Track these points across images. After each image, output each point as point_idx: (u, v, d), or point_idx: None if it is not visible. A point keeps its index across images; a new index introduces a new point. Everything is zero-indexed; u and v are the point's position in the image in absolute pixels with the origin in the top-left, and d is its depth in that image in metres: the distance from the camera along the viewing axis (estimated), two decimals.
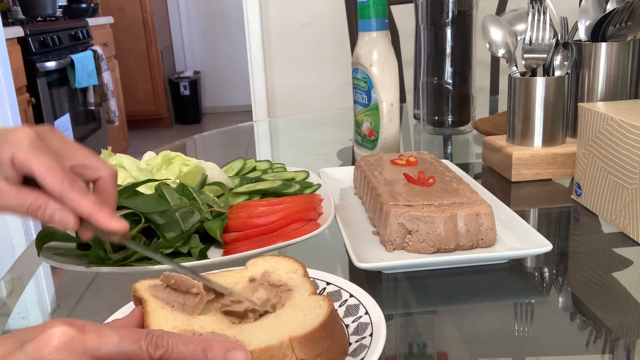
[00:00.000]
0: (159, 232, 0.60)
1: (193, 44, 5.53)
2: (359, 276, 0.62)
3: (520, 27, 0.94)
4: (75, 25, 3.34)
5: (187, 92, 5.14)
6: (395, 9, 1.61)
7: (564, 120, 0.87)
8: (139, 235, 0.59)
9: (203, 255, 0.61)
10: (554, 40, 0.86)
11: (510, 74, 0.89)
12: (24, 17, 3.21)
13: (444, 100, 1.13)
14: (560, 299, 0.57)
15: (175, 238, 0.59)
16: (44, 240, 0.60)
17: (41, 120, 2.78)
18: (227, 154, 1.27)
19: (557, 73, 0.86)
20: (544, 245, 0.58)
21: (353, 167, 0.85)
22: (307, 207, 0.67)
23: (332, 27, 2.29)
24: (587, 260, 0.65)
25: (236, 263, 0.55)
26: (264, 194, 0.75)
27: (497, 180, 0.89)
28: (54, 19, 3.37)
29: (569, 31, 0.90)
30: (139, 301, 0.44)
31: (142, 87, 4.77)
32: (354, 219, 0.71)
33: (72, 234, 0.64)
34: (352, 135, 1.02)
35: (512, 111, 0.89)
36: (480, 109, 1.34)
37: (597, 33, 0.86)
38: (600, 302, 0.55)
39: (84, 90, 3.30)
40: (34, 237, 0.60)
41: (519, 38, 0.93)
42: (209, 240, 0.64)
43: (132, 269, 0.57)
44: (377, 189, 0.68)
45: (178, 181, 0.70)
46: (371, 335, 0.43)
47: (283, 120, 1.68)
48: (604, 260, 0.64)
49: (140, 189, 0.65)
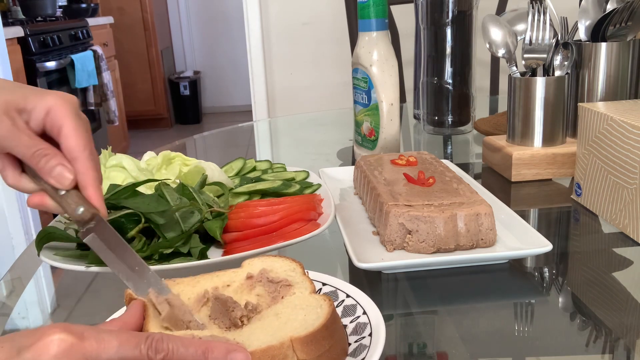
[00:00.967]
0: (159, 232, 0.60)
1: (193, 44, 5.53)
2: (359, 276, 0.62)
3: (520, 27, 0.94)
4: (75, 25, 3.34)
5: (187, 92, 5.14)
6: (395, 9, 1.61)
7: (564, 120, 0.87)
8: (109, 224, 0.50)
9: (203, 255, 0.61)
10: (554, 40, 0.86)
11: (510, 74, 0.89)
12: (24, 17, 3.21)
13: (444, 100, 1.13)
14: (560, 299, 0.57)
15: (175, 238, 0.59)
16: (44, 240, 0.59)
17: None
18: (227, 154, 1.27)
19: (557, 73, 0.86)
20: (544, 245, 0.58)
21: (353, 167, 0.85)
22: (307, 207, 0.67)
23: (332, 27, 2.29)
24: (587, 260, 0.65)
25: (236, 263, 0.55)
26: (264, 194, 0.75)
27: (497, 180, 0.89)
28: (54, 19, 3.37)
29: (569, 31, 0.90)
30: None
31: (142, 87, 4.77)
32: (354, 219, 0.71)
33: (72, 234, 0.64)
34: (352, 135, 1.02)
35: (512, 111, 0.89)
36: (480, 109, 1.34)
37: (597, 33, 0.86)
38: (600, 302, 0.55)
39: (84, 90, 3.30)
40: (34, 237, 0.60)
41: (519, 38, 0.93)
42: (209, 240, 0.64)
43: None
44: (377, 189, 0.68)
45: (178, 181, 0.70)
46: (370, 335, 0.42)
47: (283, 120, 1.68)
48: (604, 260, 0.64)
49: (140, 189, 0.65)
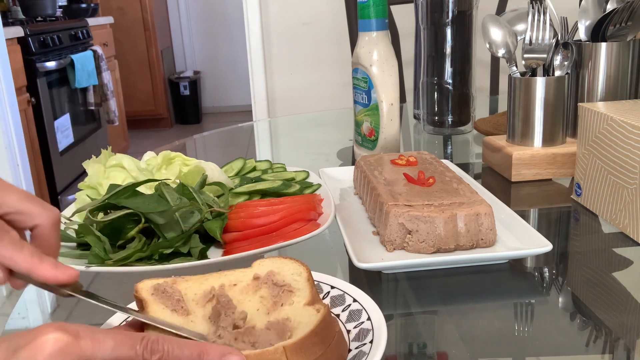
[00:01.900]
0: (159, 232, 0.60)
1: (193, 44, 5.53)
2: (359, 276, 0.62)
3: (520, 27, 0.94)
4: (75, 25, 3.34)
5: (187, 92, 5.14)
6: (395, 9, 1.61)
7: (564, 120, 0.87)
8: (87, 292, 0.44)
9: (203, 255, 0.61)
10: (554, 40, 0.86)
11: (510, 74, 0.89)
12: (24, 17, 3.21)
13: (444, 100, 1.13)
14: (560, 299, 0.57)
15: (175, 238, 0.59)
16: None
17: (41, 120, 2.78)
18: (227, 154, 1.27)
19: (557, 73, 0.86)
20: (544, 245, 0.58)
21: (353, 167, 0.85)
22: (307, 207, 0.67)
23: (332, 27, 2.29)
24: (587, 260, 0.65)
25: (236, 263, 0.55)
26: (264, 194, 0.75)
27: (497, 180, 0.89)
28: (54, 19, 3.37)
29: (569, 31, 0.90)
30: (140, 301, 0.44)
31: (142, 87, 4.77)
32: (354, 219, 0.71)
33: (72, 234, 0.64)
34: (352, 135, 1.02)
35: (512, 111, 0.89)
36: (480, 109, 1.34)
37: (597, 33, 0.86)
38: (600, 302, 0.55)
39: (84, 90, 3.30)
40: None
41: (519, 38, 0.92)
42: (209, 240, 0.64)
43: (132, 269, 0.57)
44: (377, 189, 0.68)
45: (178, 181, 0.70)
46: (371, 342, 0.42)
47: (283, 120, 1.68)
48: (604, 260, 0.64)
49: (140, 189, 0.65)
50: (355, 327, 0.45)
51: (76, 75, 3.09)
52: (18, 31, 2.68)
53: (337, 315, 0.47)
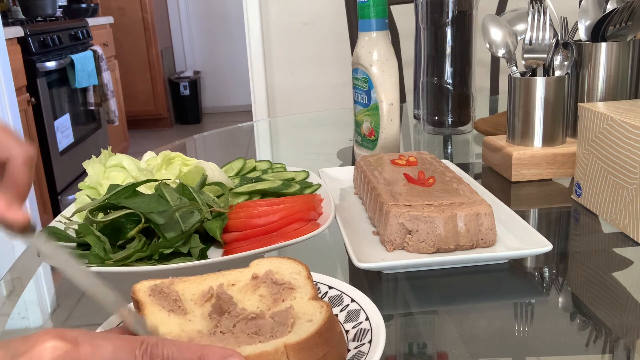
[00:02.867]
0: (159, 232, 0.60)
1: (193, 44, 5.53)
2: (359, 276, 0.62)
3: (520, 27, 0.94)
4: (75, 25, 3.34)
5: (187, 92, 5.14)
6: (395, 9, 1.61)
7: (564, 120, 0.87)
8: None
9: (203, 255, 0.61)
10: (554, 40, 0.86)
11: (510, 74, 0.89)
12: (24, 17, 3.21)
13: (444, 100, 1.13)
14: (560, 299, 0.57)
15: (175, 238, 0.59)
16: None
17: (41, 120, 2.78)
18: (227, 154, 1.27)
19: (557, 73, 0.86)
20: (544, 245, 0.58)
21: (353, 167, 0.85)
22: (307, 207, 0.67)
23: (332, 27, 2.29)
24: (587, 260, 0.65)
25: (236, 263, 0.55)
26: (264, 194, 0.75)
27: (497, 180, 0.89)
28: (54, 19, 3.37)
29: (569, 31, 0.90)
30: (137, 303, 0.43)
31: (142, 87, 4.77)
32: (354, 219, 0.71)
33: (72, 234, 0.64)
34: (352, 135, 1.02)
35: (512, 111, 0.89)
36: (480, 109, 1.34)
37: (597, 33, 0.86)
38: (600, 302, 0.55)
39: (84, 90, 3.30)
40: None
41: (519, 38, 0.92)
42: (209, 240, 0.64)
43: (132, 269, 0.57)
44: (377, 189, 0.68)
45: (178, 181, 0.70)
46: (370, 342, 0.42)
47: (283, 120, 1.68)
48: (604, 260, 0.64)
49: (140, 189, 0.65)
50: (353, 328, 0.45)
51: (76, 75, 3.09)
52: (18, 31, 2.68)
53: (336, 316, 0.47)
